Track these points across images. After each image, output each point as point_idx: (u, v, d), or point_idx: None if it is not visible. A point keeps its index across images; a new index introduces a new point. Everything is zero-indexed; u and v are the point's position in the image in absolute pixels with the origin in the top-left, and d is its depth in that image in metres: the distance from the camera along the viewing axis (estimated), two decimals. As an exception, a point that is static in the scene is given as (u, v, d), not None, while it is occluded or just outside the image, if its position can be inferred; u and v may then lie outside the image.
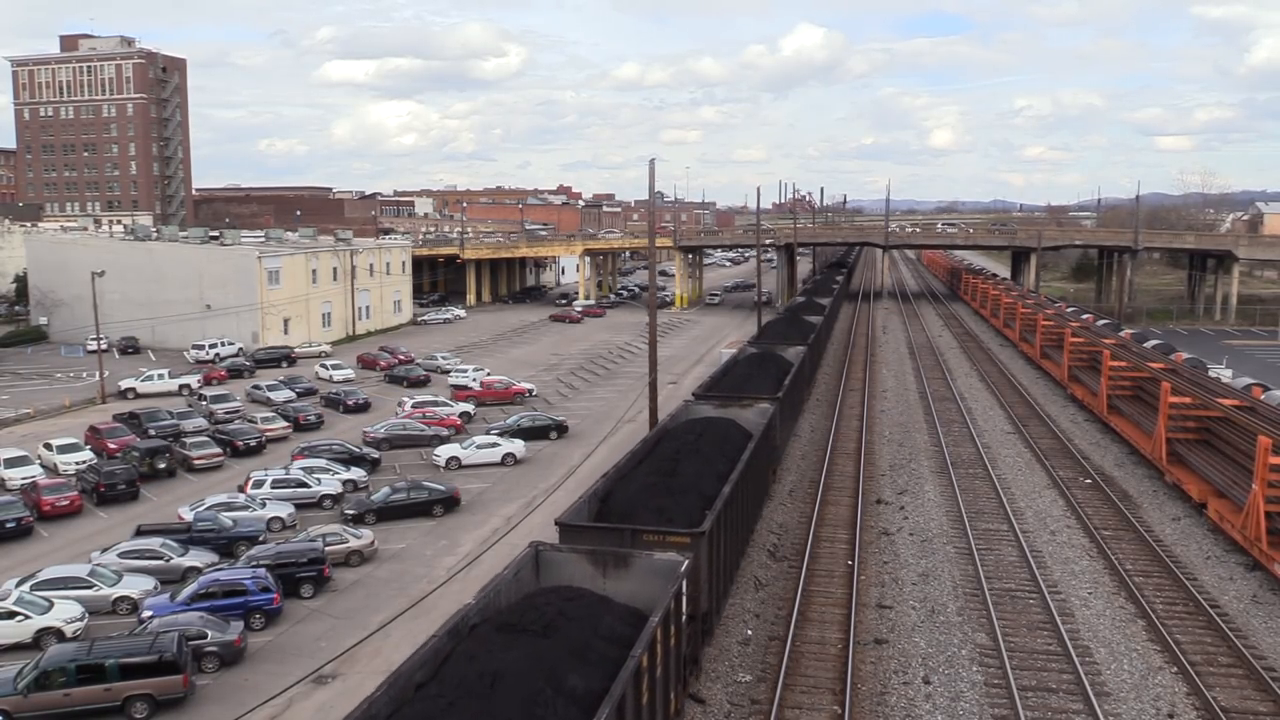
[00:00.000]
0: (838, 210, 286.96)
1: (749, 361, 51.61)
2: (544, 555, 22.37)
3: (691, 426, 34.90)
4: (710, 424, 35.18)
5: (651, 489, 27.13)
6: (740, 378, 47.45)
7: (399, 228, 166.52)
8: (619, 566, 21.94)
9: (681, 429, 34.72)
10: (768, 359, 51.68)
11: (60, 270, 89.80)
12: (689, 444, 31.70)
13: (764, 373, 48.18)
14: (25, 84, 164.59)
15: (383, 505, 40.12)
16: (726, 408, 38.80)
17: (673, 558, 21.81)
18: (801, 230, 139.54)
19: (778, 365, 50.27)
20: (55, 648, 26.35)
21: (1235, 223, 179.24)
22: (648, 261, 46.69)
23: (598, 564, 22.06)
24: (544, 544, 22.63)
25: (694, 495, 26.90)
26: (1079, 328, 66.72)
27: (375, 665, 26.61)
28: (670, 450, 31.16)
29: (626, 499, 26.68)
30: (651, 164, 40.73)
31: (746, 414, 38.11)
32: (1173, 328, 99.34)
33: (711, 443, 32.28)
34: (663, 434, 34.33)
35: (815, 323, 69.35)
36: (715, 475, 28.93)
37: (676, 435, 33.60)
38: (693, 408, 39.45)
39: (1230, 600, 29.54)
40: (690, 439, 32.47)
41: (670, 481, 27.70)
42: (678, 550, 22.51)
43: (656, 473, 28.69)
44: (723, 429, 34.51)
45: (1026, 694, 23.88)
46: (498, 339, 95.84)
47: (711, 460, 30.39)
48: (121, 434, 51.36)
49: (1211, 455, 38.52)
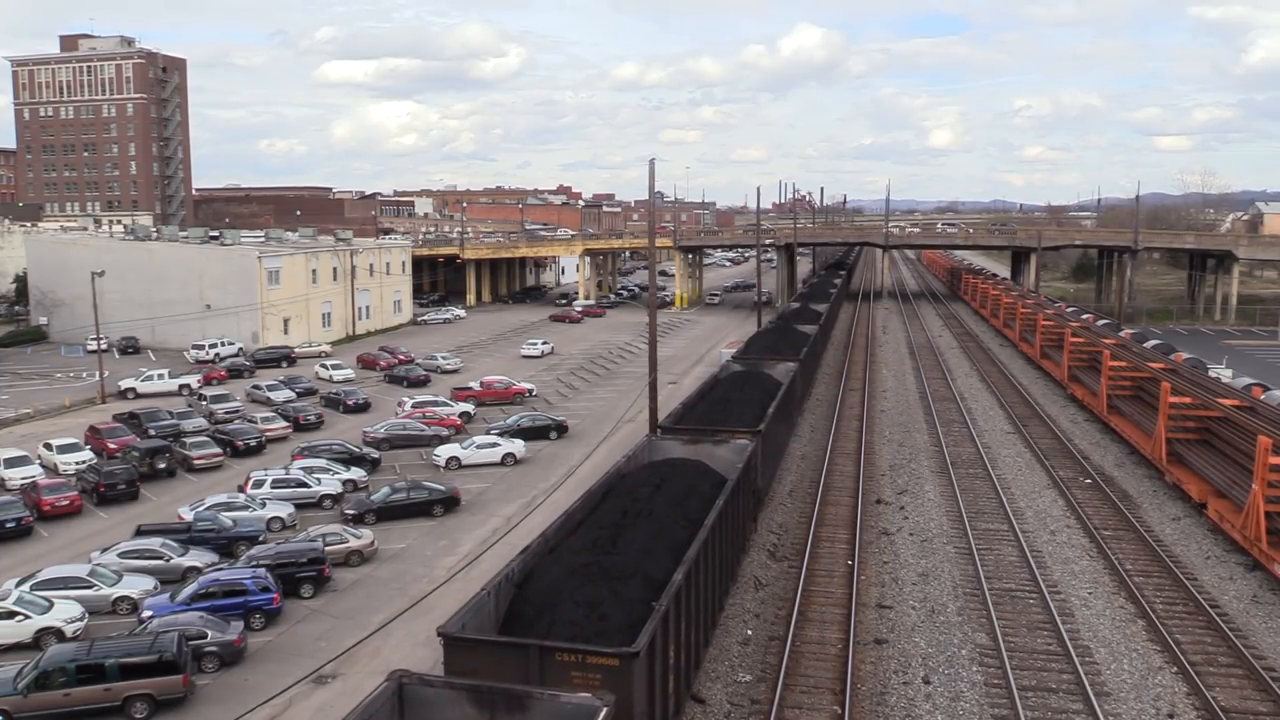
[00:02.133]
0: (837, 210, 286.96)
1: (731, 382, 46.20)
2: (410, 692, 16.43)
3: (651, 473, 29.17)
4: (675, 468, 29.75)
5: (583, 572, 21.13)
6: (718, 402, 41.94)
7: (399, 228, 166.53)
8: (513, 712, 16.02)
9: (637, 477, 28.92)
10: (753, 379, 46.47)
11: (60, 270, 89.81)
12: (642, 500, 26.08)
13: (747, 396, 42.84)
14: (25, 84, 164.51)
15: (383, 505, 40.12)
16: (697, 444, 33.16)
17: (586, 702, 15.73)
18: (801, 230, 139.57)
19: (764, 386, 44.81)
20: (55, 648, 26.34)
21: (1235, 223, 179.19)
22: (648, 261, 46.65)
23: (482, 707, 16.18)
24: (409, 675, 16.65)
25: (638, 581, 21.02)
26: (1079, 328, 66.72)
27: (375, 665, 26.61)
28: (616, 511, 25.38)
29: (548, 586, 20.78)
30: (651, 164, 40.74)
31: (721, 452, 32.60)
32: (1173, 328, 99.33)
33: (671, 498, 26.61)
34: (612, 484, 28.43)
35: (809, 333, 63.35)
36: (670, 546, 23.11)
37: (629, 489, 27.49)
38: (656, 445, 33.72)
39: (1230, 600, 29.54)
40: (645, 492, 26.79)
41: (609, 560, 21.68)
42: (601, 678, 16.95)
43: (593, 547, 22.73)
44: (689, 475, 29.12)
45: (1026, 694, 23.88)
46: (498, 339, 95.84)
47: (667, 525, 24.56)
48: (121, 434, 51.35)
49: (1211, 455, 38.52)
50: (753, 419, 37.66)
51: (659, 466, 30.26)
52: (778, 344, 58.76)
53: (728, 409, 39.95)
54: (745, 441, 33.02)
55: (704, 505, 26.51)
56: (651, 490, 27.06)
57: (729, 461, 31.61)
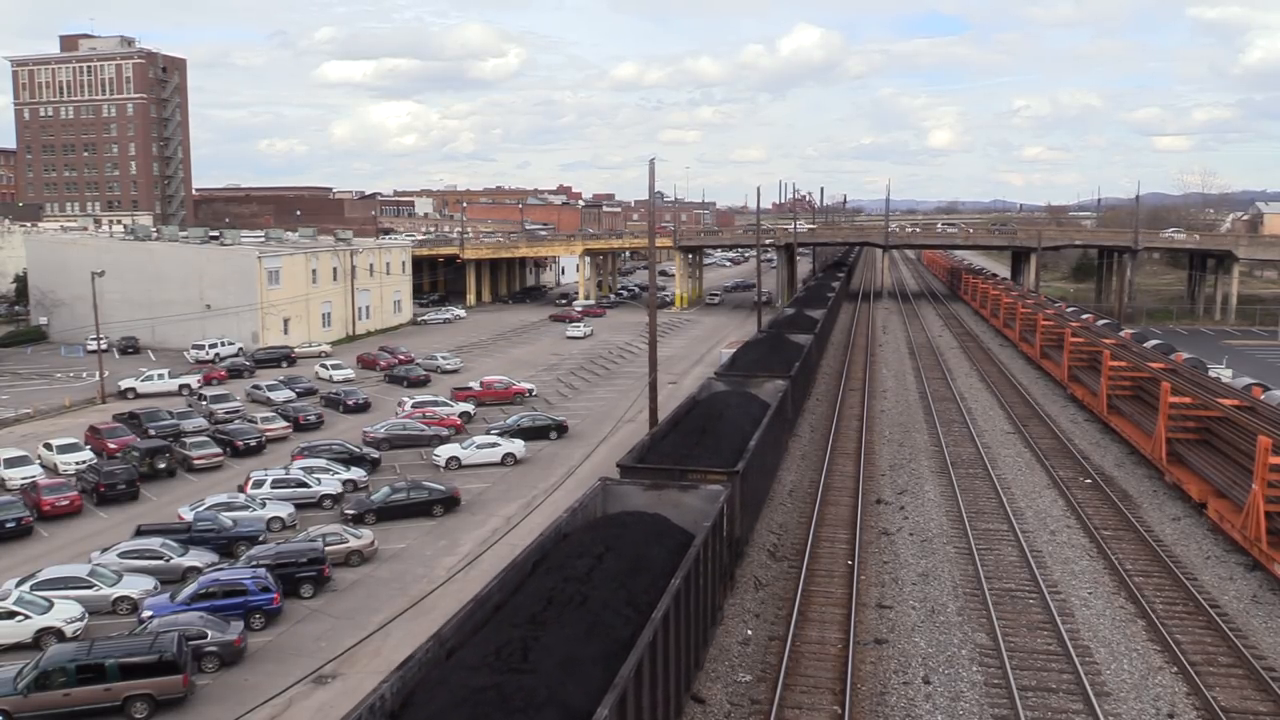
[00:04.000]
0: (837, 210, 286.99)
1: (711, 405, 39.54)
2: None
3: (596, 535, 23.78)
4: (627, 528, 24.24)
5: (476, 701, 16.06)
6: (692, 433, 35.04)
7: (399, 228, 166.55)
8: None
9: (579, 541, 23.58)
10: (736, 401, 40.66)
11: (60, 270, 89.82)
12: (577, 578, 20.99)
13: (728, 423, 36.59)
14: (25, 84, 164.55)
15: (383, 505, 40.11)
16: (661, 490, 27.67)
17: None
18: (801, 230, 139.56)
19: (748, 410, 39.14)
20: (55, 648, 26.34)
21: (1235, 223, 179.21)
22: (648, 261, 46.63)
23: None
24: None
25: (551, 715, 16.00)
26: (1079, 328, 66.73)
27: (375, 665, 26.60)
28: (541, 594, 20.29)
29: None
30: (651, 164, 40.77)
31: (689, 500, 27.24)
32: (1173, 328, 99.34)
33: (615, 574, 21.34)
34: (546, 549, 23.29)
35: (803, 344, 57.29)
36: (603, 654, 18.22)
37: (564, 559, 22.28)
38: (612, 492, 27.89)
39: (1230, 600, 29.54)
40: (583, 567, 21.60)
41: (514, 682, 16.55)
42: None
43: (496, 658, 17.45)
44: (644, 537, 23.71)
45: (1026, 694, 23.88)
46: (498, 339, 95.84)
47: (604, 618, 19.61)
48: (121, 434, 51.34)
49: (1211, 455, 38.51)
50: (731, 454, 32.27)
51: (609, 524, 24.92)
52: (767, 358, 52.46)
53: (703, 441, 34.08)
54: (718, 487, 27.63)
55: (657, 582, 21.53)
56: (592, 563, 21.70)
57: (698, 512, 26.59)
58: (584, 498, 26.92)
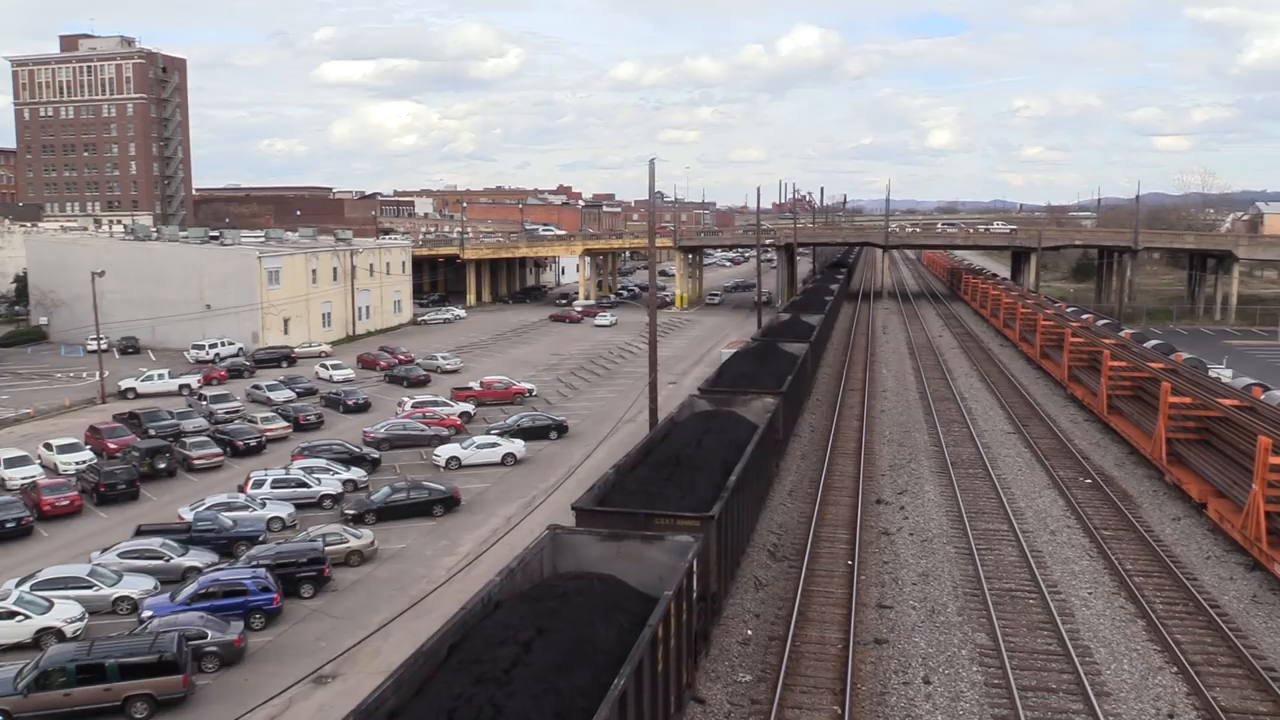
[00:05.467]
0: (837, 210, 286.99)
1: (690, 429, 35.24)
2: None
3: (530, 609, 19.41)
4: (568, 601, 19.85)
5: None
6: (664, 465, 30.23)
7: (399, 228, 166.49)
8: None
9: (510, 615, 19.23)
10: (719, 423, 36.12)
11: (60, 270, 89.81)
12: (492, 681, 16.72)
13: (707, 451, 32.10)
14: (25, 84, 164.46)
15: (383, 505, 40.12)
16: (621, 542, 23.51)
17: None
18: (801, 230, 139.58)
19: (732, 435, 34.80)
20: (55, 648, 26.36)
21: (1235, 223, 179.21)
22: (648, 261, 46.61)
23: None
24: None
25: None
26: (1079, 328, 66.73)
27: (375, 665, 26.61)
28: (444, 702, 16.12)
29: None
30: (651, 164, 40.78)
31: (652, 554, 23.10)
32: (1173, 328, 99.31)
33: (544, 670, 17.12)
34: (468, 628, 18.92)
35: (797, 354, 52.58)
36: None
37: (483, 647, 17.99)
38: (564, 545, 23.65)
39: (1230, 600, 29.54)
40: (504, 658, 17.37)
41: None
42: None
43: None
44: (588, 612, 19.53)
45: (1026, 694, 23.87)
46: (498, 339, 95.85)
47: None
48: (121, 434, 51.35)
49: (1211, 455, 38.51)
50: (708, 491, 28.21)
51: (548, 594, 20.42)
52: (756, 371, 47.94)
53: (675, 476, 29.32)
54: (688, 538, 23.18)
55: (600, 678, 17.17)
56: (516, 653, 17.35)
57: (665, 568, 22.32)
58: (527, 553, 22.49)
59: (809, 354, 55.66)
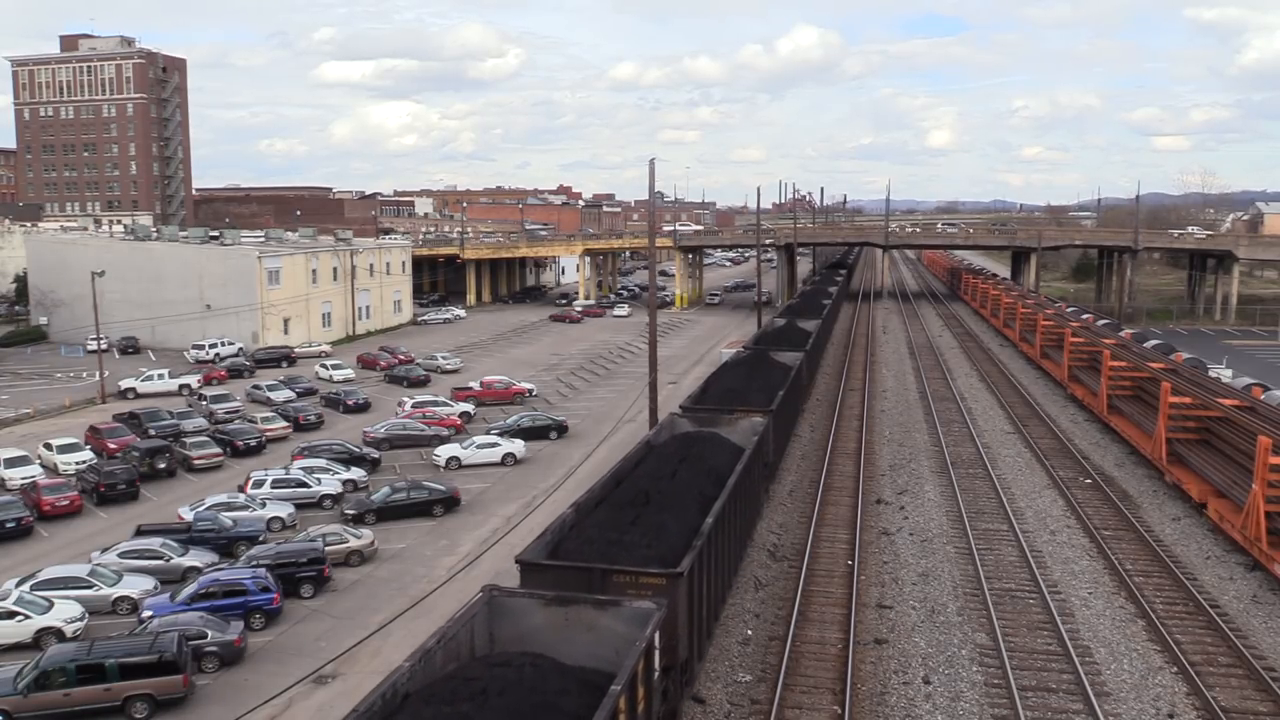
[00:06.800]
0: (837, 210, 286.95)
1: (665, 456, 30.76)
2: None
3: (462, 690, 16.06)
4: (507, 688, 16.18)
5: None
6: (632, 504, 25.47)
7: (399, 228, 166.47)
8: None
9: (432, 709, 15.74)
10: (699, 448, 31.50)
11: (60, 270, 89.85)
12: None
13: (683, 483, 27.70)
14: (25, 84, 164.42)
15: (383, 505, 40.12)
16: (568, 608, 19.34)
17: None
18: (801, 230, 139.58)
19: (712, 463, 30.17)
20: (55, 648, 26.35)
21: (1235, 223, 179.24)
22: (648, 261, 46.60)
23: None
24: None
25: None
26: (1079, 328, 66.72)
27: (375, 665, 26.61)
28: None
29: None
30: (651, 164, 40.75)
31: (606, 622, 19.00)
32: (1173, 328, 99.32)
33: None
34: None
35: (791, 365, 48.76)
36: None
37: None
38: (503, 611, 19.42)
39: (1230, 600, 29.54)
40: None
41: None
42: None
43: None
44: (523, 700, 15.90)
45: (1026, 694, 23.87)
46: (498, 339, 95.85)
47: None
48: (121, 434, 51.35)
49: (1211, 455, 38.51)
50: (680, 536, 23.62)
51: (465, 688, 16.16)
52: (745, 385, 44.20)
53: (643, 516, 24.56)
54: (649, 605, 19.11)
55: None
56: None
57: (619, 640, 18.41)
58: (453, 624, 18.19)
59: (804, 364, 52.11)
